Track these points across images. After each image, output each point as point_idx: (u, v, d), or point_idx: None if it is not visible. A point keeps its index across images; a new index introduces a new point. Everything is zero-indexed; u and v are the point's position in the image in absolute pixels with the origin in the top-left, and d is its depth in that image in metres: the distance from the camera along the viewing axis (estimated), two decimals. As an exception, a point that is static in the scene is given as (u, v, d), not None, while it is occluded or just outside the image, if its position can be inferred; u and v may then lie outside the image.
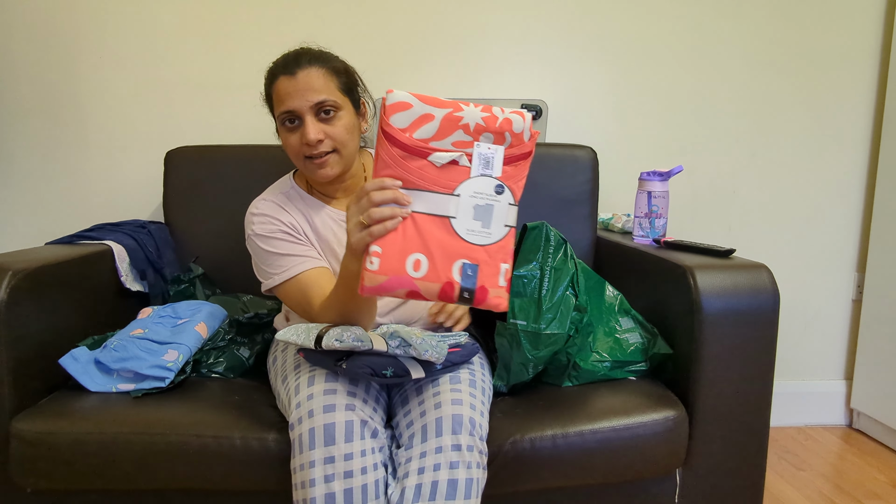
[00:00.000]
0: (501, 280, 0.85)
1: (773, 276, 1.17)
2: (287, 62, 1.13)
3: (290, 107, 1.11)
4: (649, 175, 1.43)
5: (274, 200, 1.21)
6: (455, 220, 0.85)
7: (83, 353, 1.18)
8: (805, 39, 1.91)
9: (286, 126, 1.14)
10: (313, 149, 1.12)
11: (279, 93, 1.13)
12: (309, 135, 1.10)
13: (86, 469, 1.04)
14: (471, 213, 0.85)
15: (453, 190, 0.85)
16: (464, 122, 0.86)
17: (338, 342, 0.95)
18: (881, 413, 1.91)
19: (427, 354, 0.99)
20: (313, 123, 1.11)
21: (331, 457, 0.92)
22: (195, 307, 1.35)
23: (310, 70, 1.11)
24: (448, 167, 0.85)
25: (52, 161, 1.76)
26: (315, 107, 1.11)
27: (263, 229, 1.17)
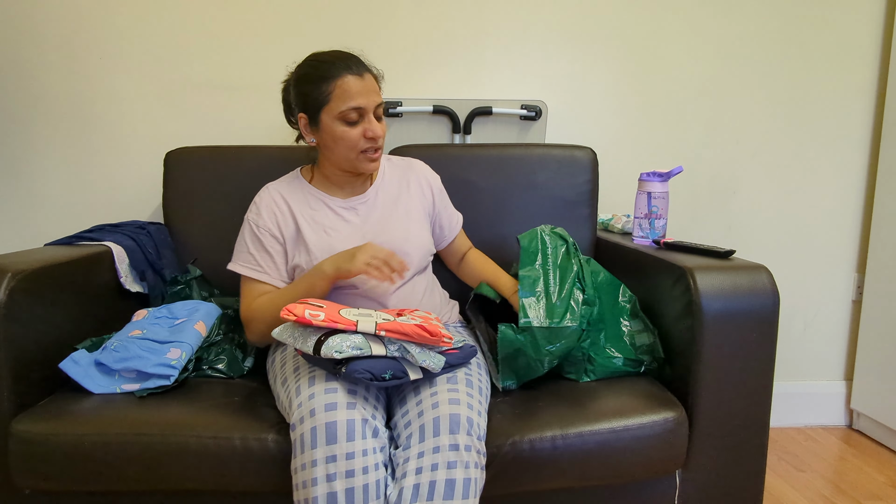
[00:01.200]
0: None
1: (773, 278, 1.17)
2: (349, 63, 1.22)
3: (360, 104, 1.20)
4: (649, 176, 1.43)
5: (280, 191, 1.32)
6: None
7: (83, 356, 1.18)
8: (805, 40, 1.91)
9: (348, 120, 1.22)
10: (375, 143, 1.24)
11: (348, 90, 1.20)
12: (377, 131, 1.23)
13: (85, 470, 1.04)
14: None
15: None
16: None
17: (337, 353, 0.95)
18: (881, 414, 1.90)
19: (424, 364, 1.00)
20: (377, 121, 1.24)
21: (333, 455, 0.92)
22: (192, 307, 1.36)
23: (370, 75, 1.24)
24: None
25: (52, 162, 1.76)
26: (377, 107, 1.24)
27: (255, 220, 1.29)
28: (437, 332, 1.02)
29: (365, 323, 1.00)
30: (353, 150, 1.24)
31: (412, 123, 1.81)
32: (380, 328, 1.00)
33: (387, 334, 1.00)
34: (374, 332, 1.00)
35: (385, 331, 1.00)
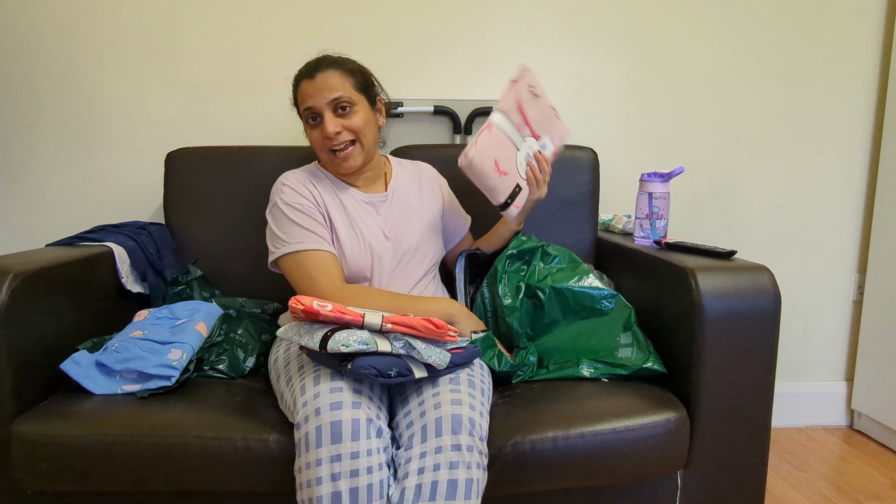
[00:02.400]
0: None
1: (774, 278, 1.17)
2: (309, 68, 1.27)
3: (309, 104, 1.24)
4: (650, 176, 1.43)
5: (304, 175, 1.32)
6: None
7: (84, 357, 1.18)
8: (806, 40, 1.91)
9: (310, 123, 1.27)
10: (333, 141, 1.24)
11: (302, 94, 1.26)
12: (328, 128, 1.23)
13: (86, 471, 1.04)
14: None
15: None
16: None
17: (344, 347, 0.95)
18: (882, 414, 1.90)
19: (430, 359, 1.00)
20: (331, 118, 1.24)
21: (338, 455, 0.92)
22: (193, 307, 1.35)
23: (327, 73, 1.24)
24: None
25: (53, 163, 1.76)
26: (332, 103, 1.23)
27: (292, 199, 1.27)
28: (443, 325, 1.03)
29: (372, 316, 1.01)
30: (323, 151, 1.28)
31: (413, 124, 1.81)
32: (386, 321, 1.00)
33: (393, 327, 1.00)
34: (381, 325, 1.00)
35: (392, 323, 1.00)
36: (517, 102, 1.30)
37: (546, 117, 1.35)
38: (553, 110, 1.37)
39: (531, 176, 1.32)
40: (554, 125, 1.38)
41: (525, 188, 1.33)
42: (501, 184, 1.29)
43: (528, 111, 1.32)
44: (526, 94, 1.30)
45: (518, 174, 1.32)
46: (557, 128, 1.39)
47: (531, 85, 1.31)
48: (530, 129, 1.33)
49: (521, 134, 1.32)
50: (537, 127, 1.34)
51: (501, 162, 1.28)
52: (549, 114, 1.36)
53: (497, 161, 1.27)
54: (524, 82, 1.30)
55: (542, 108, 1.34)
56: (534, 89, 1.31)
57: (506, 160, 1.29)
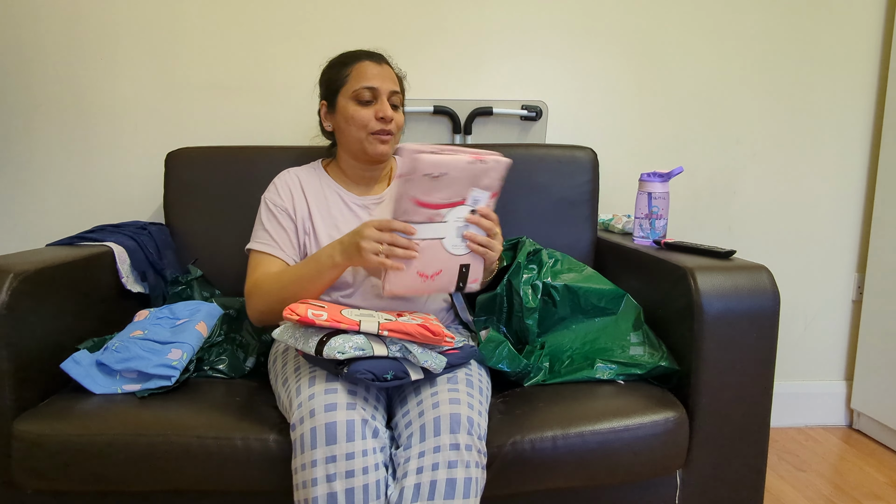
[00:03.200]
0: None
1: (774, 278, 1.17)
2: (370, 53, 1.31)
3: (375, 84, 1.26)
4: (650, 176, 1.43)
5: (299, 175, 1.34)
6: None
7: (84, 357, 1.18)
8: (805, 40, 1.91)
9: (360, 100, 1.26)
10: (385, 123, 1.26)
11: (364, 71, 1.27)
12: (387, 110, 1.26)
13: (87, 470, 1.04)
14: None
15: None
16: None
17: (340, 354, 0.95)
18: (881, 413, 1.91)
19: (426, 364, 1.01)
20: (387, 105, 1.27)
21: (332, 456, 0.92)
22: (193, 307, 1.36)
23: (389, 67, 1.31)
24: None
25: (53, 163, 1.77)
26: (391, 94, 1.28)
27: (272, 199, 1.31)
28: (439, 331, 1.03)
29: (368, 323, 1.01)
30: (364, 129, 1.27)
31: (413, 124, 1.81)
32: (382, 328, 1.00)
33: (389, 334, 1.01)
34: (377, 332, 1.00)
35: (388, 331, 1.00)
36: (412, 202, 1.05)
37: (463, 178, 1.07)
38: (471, 164, 1.06)
39: (474, 247, 1.12)
40: (480, 175, 1.09)
41: (474, 260, 1.14)
42: (442, 282, 1.13)
43: (433, 197, 1.06)
44: (423, 185, 1.04)
45: (456, 257, 1.12)
46: (486, 172, 1.10)
47: (427, 173, 1.03)
48: (446, 207, 1.08)
49: (437, 220, 1.09)
50: (455, 196, 1.09)
51: (428, 266, 1.10)
52: (466, 173, 1.06)
53: (421, 271, 1.10)
54: (417, 177, 1.03)
55: (452, 180, 1.06)
56: (432, 173, 1.03)
57: (432, 259, 1.10)
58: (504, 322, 1.33)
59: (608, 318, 1.31)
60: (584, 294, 1.30)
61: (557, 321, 1.32)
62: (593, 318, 1.32)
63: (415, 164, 1.03)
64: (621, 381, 1.22)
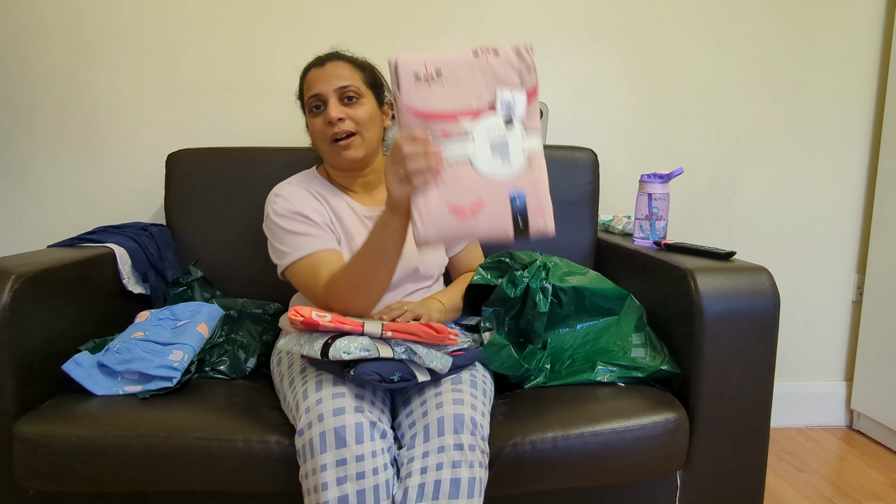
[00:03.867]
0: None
1: (774, 279, 1.18)
2: (319, 58, 1.27)
3: (315, 90, 1.21)
4: (650, 177, 1.43)
5: (299, 185, 1.28)
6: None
7: (86, 358, 1.19)
8: (805, 41, 1.92)
9: (313, 112, 1.23)
10: (335, 127, 1.19)
11: (308, 82, 1.24)
12: (331, 112, 1.19)
13: (88, 472, 1.04)
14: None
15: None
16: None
17: (345, 354, 0.95)
18: (881, 414, 1.91)
19: (432, 364, 1.01)
20: (335, 105, 1.20)
21: (342, 459, 0.92)
22: (194, 308, 1.36)
23: (337, 63, 1.24)
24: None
25: (54, 164, 1.77)
26: (339, 91, 1.20)
27: (283, 209, 1.21)
28: (443, 329, 1.03)
29: (371, 325, 1.01)
30: (324, 140, 1.23)
31: (413, 125, 1.81)
32: (386, 328, 1.00)
33: (394, 335, 1.00)
34: (381, 334, 1.00)
35: (392, 331, 1.00)
36: (412, 115, 0.88)
37: (473, 76, 0.87)
38: (477, 58, 0.87)
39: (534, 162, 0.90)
40: (498, 70, 0.88)
41: (532, 182, 0.90)
42: (489, 218, 0.90)
43: (439, 104, 0.87)
44: (418, 90, 0.87)
45: (497, 182, 0.90)
46: (506, 65, 0.88)
47: (415, 72, 0.86)
48: (465, 115, 0.88)
49: (456, 134, 0.88)
50: (474, 100, 0.88)
51: (458, 194, 0.89)
52: (475, 70, 0.87)
53: (451, 202, 0.89)
54: (405, 82, 0.87)
55: (457, 79, 0.87)
56: (419, 72, 0.86)
57: (462, 186, 0.89)
58: (513, 317, 1.32)
59: (611, 319, 1.31)
60: (589, 295, 1.30)
61: (560, 320, 1.32)
62: (596, 318, 1.32)
63: (395, 68, 0.87)
64: (622, 384, 1.22)
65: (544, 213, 0.91)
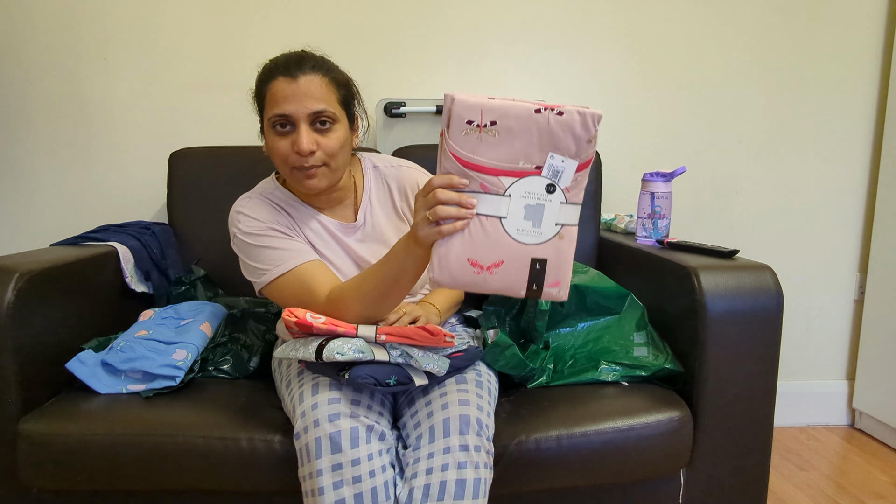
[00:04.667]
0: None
1: (777, 277, 1.18)
2: (289, 63, 1.08)
3: (286, 111, 1.06)
4: (652, 176, 1.43)
5: (261, 198, 1.18)
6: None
7: (89, 356, 1.19)
8: (807, 40, 1.92)
9: (277, 130, 1.09)
10: (304, 160, 1.08)
11: (275, 93, 1.07)
12: (302, 144, 1.06)
13: (92, 470, 1.04)
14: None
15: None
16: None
17: (339, 355, 0.95)
18: (883, 413, 1.91)
19: (428, 367, 1.00)
20: (308, 133, 1.07)
21: (338, 464, 0.92)
22: (197, 307, 1.36)
23: (312, 77, 1.07)
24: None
25: (57, 163, 1.77)
26: (312, 115, 1.07)
27: (249, 227, 1.13)
28: (438, 331, 1.02)
29: (365, 328, 1.00)
30: (284, 165, 1.10)
31: (415, 124, 1.81)
32: (380, 332, 0.99)
33: (388, 338, 0.99)
34: (375, 337, 0.99)
35: (386, 334, 0.99)
36: (455, 159, 0.86)
37: (530, 134, 0.85)
38: (537, 113, 0.85)
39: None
40: (557, 132, 0.86)
41: (557, 253, 0.90)
42: (506, 278, 0.89)
43: (486, 156, 0.85)
44: (467, 137, 0.84)
45: (524, 246, 0.88)
46: (567, 129, 0.86)
47: (469, 119, 0.84)
48: (508, 174, 0.86)
49: (494, 191, 0.86)
50: (522, 159, 0.86)
51: (481, 252, 0.88)
52: (532, 127, 0.85)
53: (472, 258, 0.88)
54: (455, 124, 0.84)
55: (511, 134, 0.84)
56: (475, 120, 0.84)
57: (487, 244, 0.88)
58: (513, 317, 1.33)
59: (612, 318, 1.31)
60: (590, 293, 1.30)
61: (561, 319, 1.32)
62: (597, 317, 1.32)
63: (450, 106, 0.83)
64: (625, 383, 1.22)
65: (561, 284, 0.91)
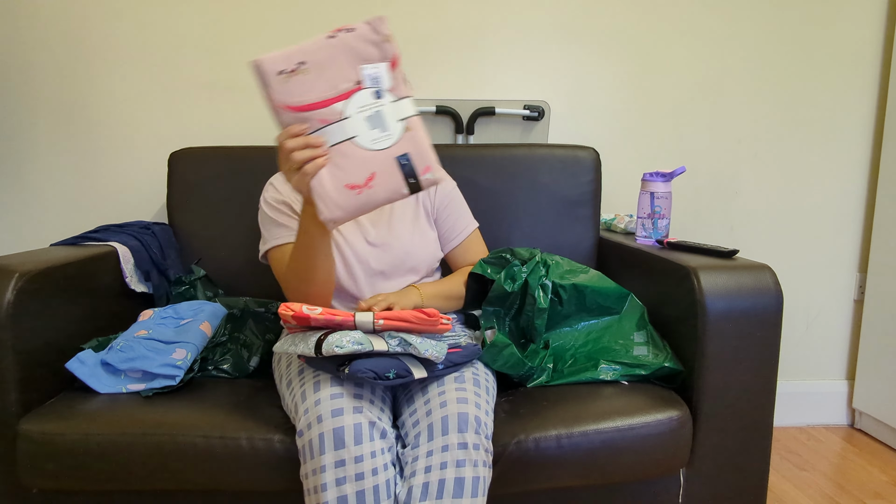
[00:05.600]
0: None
1: (777, 277, 1.18)
2: None
3: None
4: (652, 176, 1.43)
5: None
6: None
7: (89, 356, 1.19)
8: (807, 40, 1.92)
9: None
10: None
11: None
12: None
13: (92, 470, 1.04)
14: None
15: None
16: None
17: (338, 348, 0.95)
18: (883, 413, 1.91)
19: (427, 353, 1.00)
20: None
21: (341, 460, 0.92)
22: (197, 307, 1.36)
23: None
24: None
25: (57, 163, 1.77)
26: None
27: (272, 197, 1.28)
28: (434, 313, 1.02)
29: (362, 316, 1.00)
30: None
31: (415, 124, 1.81)
32: (378, 317, 0.99)
33: (385, 323, 0.99)
34: (373, 324, 0.99)
35: (384, 319, 0.99)
36: (288, 110, 0.93)
37: (335, 58, 0.92)
38: (332, 39, 0.91)
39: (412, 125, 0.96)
40: (357, 47, 0.93)
41: (412, 142, 0.96)
42: (385, 185, 0.96)
43: (310, 94, 0.92)
44: (286, 86, 0.91)
45: (384, 151, 0.95)
46: (363, 41, 0.93)
47: (280, 70, 0.91)
48: (337, 100, 0.93)
49: (334, 120, 0.93)
50: (342, 82, 0.92)
51: (352, 174, 0.95)
52: (335, 52, 0.92)
53: (348, 182, 0.95)
54: (271, 81, 0.91)
55: (319, 66, 0.91)
56: (284, 69, 0.91)
57: (352, 165, 0.95)
58: (512, 317, 1.33)
59: (612, 318, 1.31)
60: (589, 293, 1.30)
61: (562, 319, 1.32)
62: (598, 317, 1.32)
63: (258, 69, 0.90)
64: (625, 381, 1.22)
65: (432, 168, 0.98)
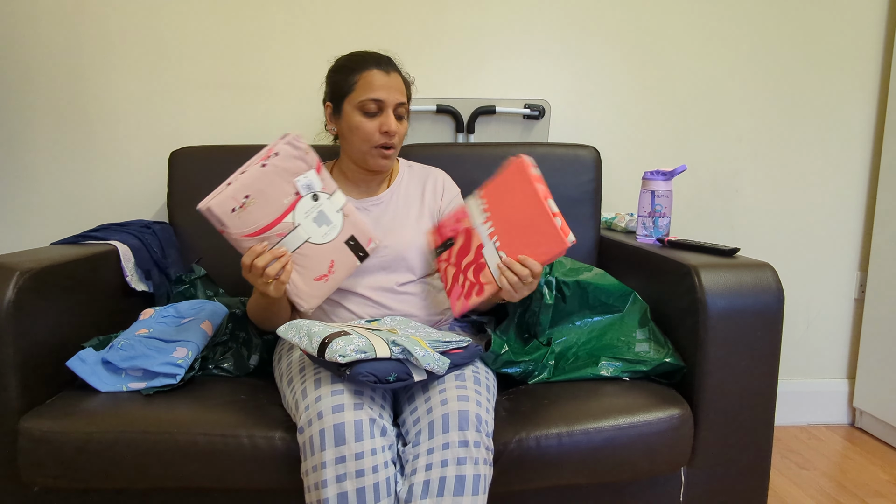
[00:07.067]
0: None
1: (777, 275, 1.18)
2: (380, 59, 1.27)
3: (381, 96, 1.23)
4: (653, 174, 1.43)
5: None
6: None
7: (90, 355, 1.19)
8: (807, 39, 1.92)
9: (366, 112, 1.24)
10: (389, 138, 1.25)
11: (371, 81, 1.24)
12: (391, 125, 1.24)
13: (93, 468, 1.04)
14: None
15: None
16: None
17: (341, 357, 0.94)
18: (884, 412, 1.91)
19: (429, 367, 1.00)
20: (392, 118, 1.25)
21: (342, 457, 0.92)
22: (198, 306, 1.36)
23: (397, 75, 1.28)
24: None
25: (58, 162, 1.77)
26: (397, 106, 1.26)
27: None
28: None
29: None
30: (367, 142, 1.25)
31: (416, 123, 1.81)
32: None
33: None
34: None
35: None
36: (247, 238, 1.08)
37: (272, 183, 1.07)
38: (264, 168, 1.06)
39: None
40: (284, 166, 1.08)
41: (350, 224, 1.16)
42: (344, 266, 1.16)
43: (261, 220, 1.08)
44: (239, 220, 1.07)
45: (333, 242, 1.14)
46: (287, 160, 1.08)
47: (231, 208, 1.06)
48: (284, 215, 1.09)
49: (288, 231, 1.11)
50: (283, 198, 1.09)
51: (317, 268, 1.14)
52: (270, 178, 1.07)
53: (316, 276, 1.14)
54: (227, 221, 1.06)
55: (262, 194, 1.07)
56: (233, 206, 1.05)
57: (314, 260, 1.13)
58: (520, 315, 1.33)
59: (614, 316, 1.31)
60: (592, 291, 1.30)
61: (565, 316, 1.32)
62: (600, 314, 1.32)
63: (212, 214, 1.04)
64: (626, 378, 1.22)
65: (372, 239, 1.18)
